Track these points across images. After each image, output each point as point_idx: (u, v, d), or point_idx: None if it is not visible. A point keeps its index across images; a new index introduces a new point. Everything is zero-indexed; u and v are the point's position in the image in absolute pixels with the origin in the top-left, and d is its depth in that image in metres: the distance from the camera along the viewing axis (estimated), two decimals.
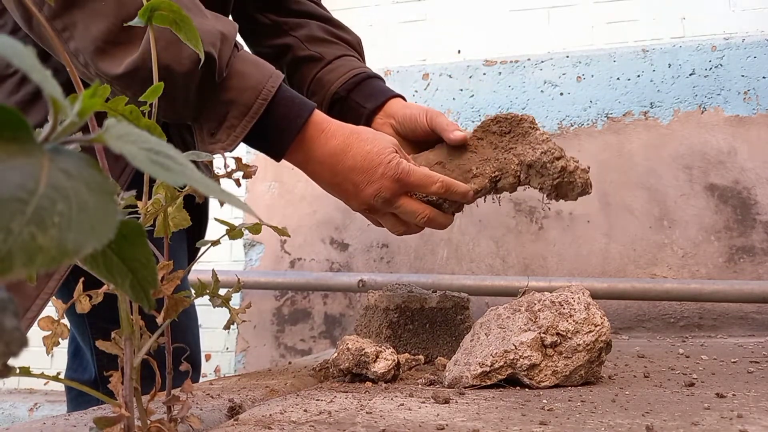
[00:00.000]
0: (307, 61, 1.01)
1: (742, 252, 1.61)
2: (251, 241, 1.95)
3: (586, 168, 0.79)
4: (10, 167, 0.18)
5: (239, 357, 1.91)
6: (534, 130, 0.81)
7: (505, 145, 0.82)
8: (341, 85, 0.96)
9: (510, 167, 0.80)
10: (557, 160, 0.77)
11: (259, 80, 0.71)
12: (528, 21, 1.95)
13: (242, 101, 0.70)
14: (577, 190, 0.79)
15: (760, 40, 1.70)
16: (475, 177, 0.81)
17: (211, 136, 0.70)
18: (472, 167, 0.81)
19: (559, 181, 0.78)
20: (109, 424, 0.35)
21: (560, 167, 0.77)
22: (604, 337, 0.65)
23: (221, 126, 0.70)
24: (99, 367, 0.97)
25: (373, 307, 0.90)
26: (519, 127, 0.81)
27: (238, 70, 0.70)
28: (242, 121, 0.70)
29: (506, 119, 0.82)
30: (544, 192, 0.80)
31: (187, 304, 0.42)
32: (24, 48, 0.21)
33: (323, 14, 1.06)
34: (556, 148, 0.78)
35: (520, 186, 0.82)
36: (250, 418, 0.50)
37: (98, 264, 0.27)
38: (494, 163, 0.81)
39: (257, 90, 0.70)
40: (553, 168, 0.77)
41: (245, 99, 0.70)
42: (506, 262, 1.75)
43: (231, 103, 0.70)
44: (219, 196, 0.24)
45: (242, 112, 0.70)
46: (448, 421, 0.48)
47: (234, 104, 0.70)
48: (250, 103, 0.70)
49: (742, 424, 0.45)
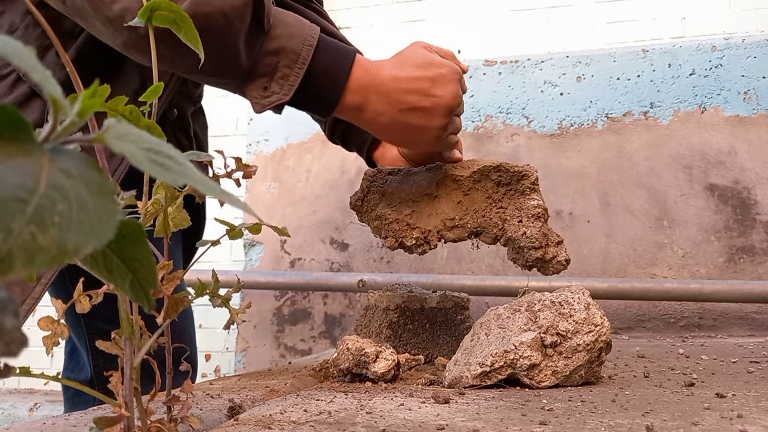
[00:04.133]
0: None
1: (742, 252, 1.61)
2: (251, 241, 1.95)
3: (563, 261, 0.78)
4: (10, 167, 0.18)
5: (239, 357, 1.91)
6: (532, 192, 0.79)
7: (498, 198, 0.80)
8: None
9: (491, 229, 0.79)
10: (535, 250, 0.76)
11: (301, 27, 0.70)
12: (528, 21, 1.95)
13: (291, 48, 0.69)
14: (549, 273, 0.79)
15: (760, 40, 1.70)
16: (456, 228, 0.80)
17: (264, 90, 0.69)
18: (456, 216, 0.80)
19: (531, 265, 0.78)
20: (109, 424, 0.35)
21: (536, 257, 0.77)
22: (604, 337, 0.65)
23: (273, 78, 0.69)
24: (95, 367, 0.97)
25: (373, 307, 0.90)
26: (519, 183, 0.79)
27: (280, 19, 0.70)
28: (294, 69, 0.69)
29: (508, 171, 0.79)
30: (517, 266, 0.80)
31: (188, 304, 0.42)
32: (24, 48, 0.21)
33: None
34: (538, 238, 0.76)
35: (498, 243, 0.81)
36: (250, 418, 0.50)
37: (98, 264, 0.27)
38: (478, 219, 0.79)
39: (302, 36, 0.69)
40: (529, 255, 0.77)
41: (293, 45, 0.69)
42: (506, 262, 1.74)
43: (280, 51, 0.69)
44: (219, 196, 0.24)
45: (292, 59, 0.69)
46: (448, 421, 0.48)
47: (283, 52, 0.69)
48: (298, 49, 0.69)
49: (742, 424, 0.45)
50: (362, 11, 2.07)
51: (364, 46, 1.10)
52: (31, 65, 0.21)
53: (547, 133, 1.80)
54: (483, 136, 1.85)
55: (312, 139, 1.90)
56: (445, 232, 0.80)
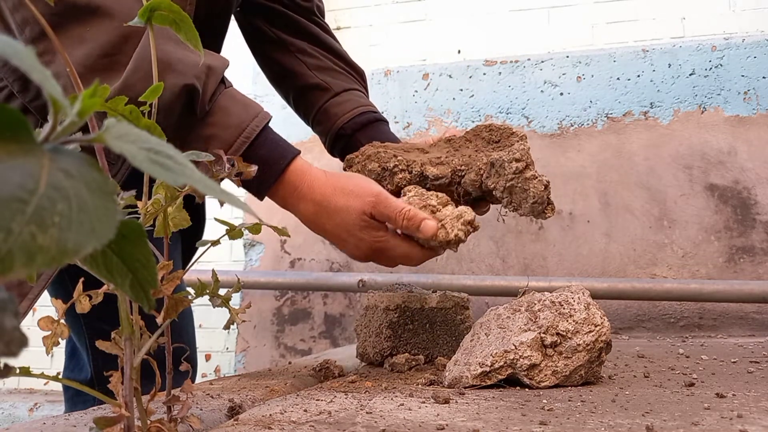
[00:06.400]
0: (314, 89, 1.02)
1: (742, 252, 1.61)
2: (251, 241, 1.95)
3: (546, 183, 0.76)
4: (10, 167, 0.18)
5: (239, 357, 1.91)
6: (520, 141, 0.79)
7: (487, 151, 0.81)
8: (347, 121, 0.98)
9: (476, 164, 0.79)
10: (516, 161, 0.76)
11: (243, 119, 0.69)
12: (528, 21, 1.95)
13: (224, 137, 0.68)
14: (530, 201, 0.76)
15: (760, 40, 1.70)
16: (440, 164, 0.80)
17: None
18: (441, 155, 0.81)
19: (512, 184, 0.76)
20: (109, 424, 0.35)
21: (516, 168, 0.75)
22: (604, 337, 0.65)
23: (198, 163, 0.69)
24: (95, 367, 0.97)
25: (373, 307, 0.90)
26: (508, 139, 0.81)
27: (222, 106, 0.69)
28: None
29: (499, 129, 0.81)
30: (497, 194, 0.78)
31: (188, 305, 0.42)
32: (24, 48, 0.21)
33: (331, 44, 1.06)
34: (524, 154, 0.76)
35: (482, 187, 0.80)
36: (250, 418, 0.50)
37: (98, 264, 0.27)
38: (464, 159, 0.80)
39: (240, 128, 0.69)
40: (509, 168, 0.76)
41: (227, 136, 0.68)
42: (506, 262, 1.75)
43: (211, 138, 0.68)
44: (219, 196, 0.24)
45: (222, 149, 0.67)
46: (448, 421, 0.48)
47: (214, 140, 0.68)
48: (231, 140, 0.68)
49: (742, 424, 0.45)
50: (362, 11, 2.07)
51: (364, 46, 1.10)
52: (31, 65, 0.21)
53: (547, 133, 1.80)
54: None
55: (312, 139, 1.90)
56: (428, 166, 0.81)
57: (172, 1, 0.41)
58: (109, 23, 0.64)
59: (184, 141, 0.68)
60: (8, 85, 0.78)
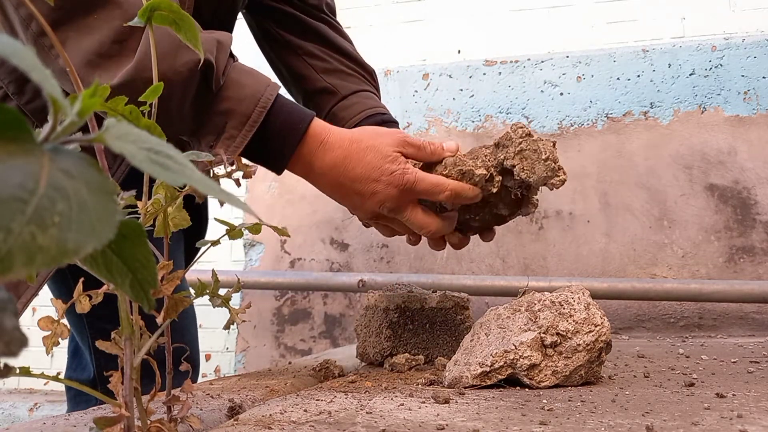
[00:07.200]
0: (321, 92, 1.01)
1: (742, 252, 1.61)
2: (251, 241, 1.95)
3: (553, 142, 0.76)
4: (10, 167, 0.18)
5: (239, 357, 1.91)
6: None
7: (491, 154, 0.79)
8: (354, 126, 0.96)
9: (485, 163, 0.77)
10: (521, 128, 0.75)
11: (257, 89, 0.69)
12: (528, 21, 1.95)
13: (241, 110, 0.68)
14: (542, 158, 0.74)
15: (760, 40, 1.70)
16: None
17: (210, 148, 0.69)
18: None
19: (521, 147, 0.74)
20: (109, 424, 0.35)
21: (522, 132, 0.75)
22: (604, 337, 0.65)
23: (219, 138, 0.68)
24: (97, 367, 0.97)
25: (373, 307, 0.90)
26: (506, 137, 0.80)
27: (234, 80, 0.69)
28: (242, 131, 0.68)
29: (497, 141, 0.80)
30: (508, 163, 0.75)
31: (187, 304, 0.42)
32: (24, 48, 0.21)
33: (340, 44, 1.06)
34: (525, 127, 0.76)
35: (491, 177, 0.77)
36: (250, 418, 0.50)
37: (98, 264, 0.27)
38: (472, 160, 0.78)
39: (255, 98, 0.69)
40: (516, 134, 0.75)
41: (244, 108, 0.68)
42: (506, 262, 1.75)
43: (229, 113, 0.68)
44: (219, 196, 0.24)
45: (241, 121, 0.68)
46: (448, 421, 0.48)
47: (232, 114, 0.68)
48: (248, 112, 0.68)
49: (742, 424, 0.45)
50: (362, 11, 2.07)
51: (364, 46, 1.10)
52: (31, 65, 0.21)
53: (547, 133, 1.80)
54: (483, 136, 1.85)
55: None
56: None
57: None
58: (116, 10, 0.64)
59: (201, 119, 0.68)
60: (3, 86, 0.78)
